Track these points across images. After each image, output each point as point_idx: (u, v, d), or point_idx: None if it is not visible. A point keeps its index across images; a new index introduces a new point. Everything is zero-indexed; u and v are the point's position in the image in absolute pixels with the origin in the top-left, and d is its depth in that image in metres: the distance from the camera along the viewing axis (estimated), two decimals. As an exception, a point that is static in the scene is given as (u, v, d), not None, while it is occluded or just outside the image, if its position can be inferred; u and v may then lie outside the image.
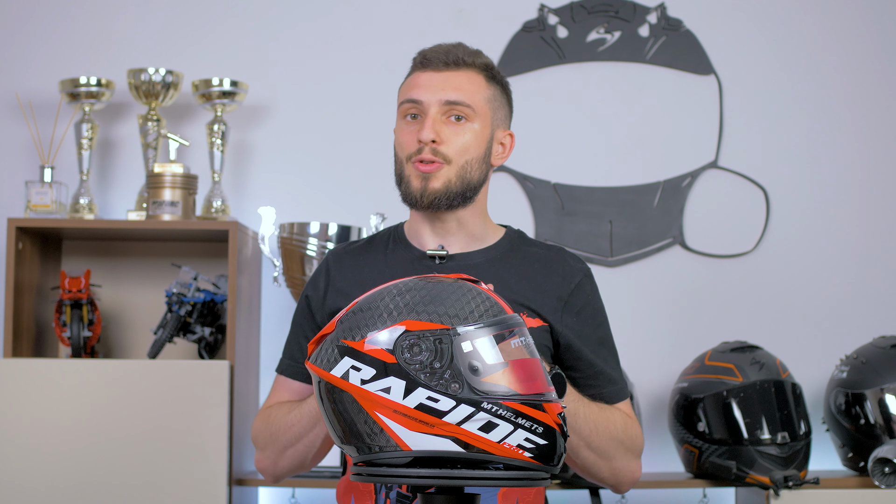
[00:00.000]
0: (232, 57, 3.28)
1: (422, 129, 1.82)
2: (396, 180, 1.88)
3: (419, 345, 1.45)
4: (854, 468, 2.97)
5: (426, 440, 1.44)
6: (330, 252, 1.98)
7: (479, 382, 1.43)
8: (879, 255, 3.27)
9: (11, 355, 2.88)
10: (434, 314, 1.46)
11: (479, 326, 1.46)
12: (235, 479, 2.86)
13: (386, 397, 1.45)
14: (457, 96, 1.83)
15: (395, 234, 1.95)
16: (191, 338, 3.01)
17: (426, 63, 1.86)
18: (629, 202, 3.27)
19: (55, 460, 2.78)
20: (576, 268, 1.91)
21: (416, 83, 1.86)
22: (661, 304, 3.26)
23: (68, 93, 3.07)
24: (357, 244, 1.97)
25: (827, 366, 3.13)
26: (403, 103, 1.86)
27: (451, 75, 1.85)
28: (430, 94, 1.83)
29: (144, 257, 3.19)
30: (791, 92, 3.31)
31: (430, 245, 1.90)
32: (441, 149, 1.82)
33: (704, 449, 2.88)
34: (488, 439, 1.43)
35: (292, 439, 1.84)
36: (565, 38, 3.32)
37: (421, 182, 1.83)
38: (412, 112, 1.85)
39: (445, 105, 1.83)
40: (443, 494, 1.52)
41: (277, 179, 3.27)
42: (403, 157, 1.85)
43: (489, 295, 1.52)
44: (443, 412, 1.43)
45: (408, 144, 1.84)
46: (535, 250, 1.93)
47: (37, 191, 3.01)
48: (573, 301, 1.88)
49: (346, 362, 1.48)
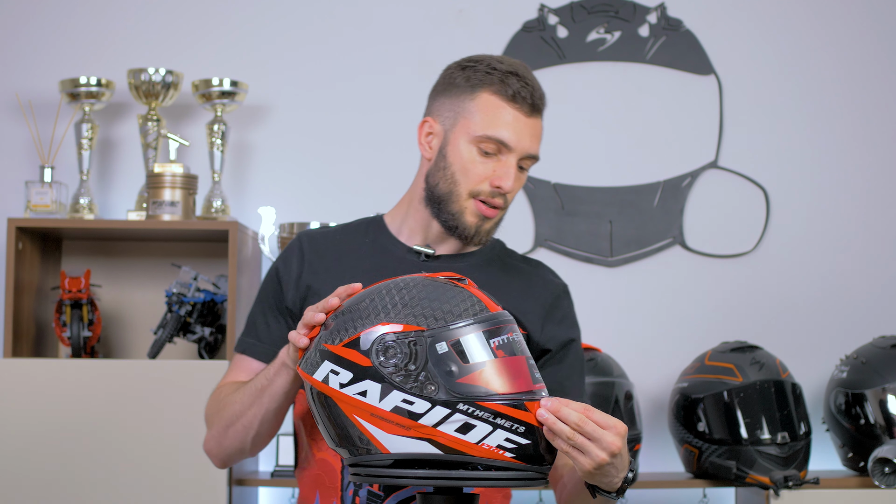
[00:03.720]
0: (232, 57, 3.28)
1: (505, 178, 1.79)
2: (438, 198, 1.83)
3: (394, 347, 1.44)
4: (854, 468, 2.97)
5: (403, 443, 1.44)
6: (301, 233, 1.93)
7: (455, 384, 1.42)
8: (879, 255, 3.27)
9: (11, 355, 2.88)
10: (409, 316, 1.45)
11: (455, 327, 1.45)
12: (235, 479, 2.86)
13: (363, 401, 1.45)
14: (535, 150, 1.82)
15: (376, 224, 1.93)
16: (191, 338, 3.01)
17: (517, 99, 1.79)
18: (629, 202, 3.27)
19: (55, 460, 2.78)
20: (555, 282, 1.93)
21: (503, 120, 1.78)
22: (661, 304, 3.26)
23: (68, 93, 3.07)
24: (331, 229, 1.95)
25: (827, 366, 3.13)
26: (489, 139, 1.78)
27: (535, 123, 1.81)
28: (518, 142, 1.79)
29: (144, 257, 3.19)
30: (791, 92, 3.31)
31: (418, 242, 1.89)
32: (507, 196, 1.82)
33: (704, 449, 2.88)
34: (466, 441, 1.43)
35: (232, 418, 1.79)
36: (565, 38, 3.32)
37: (478, 221, 1.82)
38: (492, 150, 1.80)
39: (526, 156, 1.81)
40: (441, 494, 1.52)
41: (277, 179, 3.27)
42: (468, 189, 1.80)
43: (472, 294, 1.50)
44: (418, 414, 1.43)
45: (478, 180, 1.80)
46: (516, 262, 1.94)
47: (37, 191, 3.01)
48: (554, 312, 1.88)
49: (325, 366, 1.49)
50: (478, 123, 1.79)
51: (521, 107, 1.79)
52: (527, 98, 1.79)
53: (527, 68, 1.83)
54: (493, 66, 1.81)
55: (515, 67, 1.81)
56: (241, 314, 2.94)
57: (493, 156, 1.80)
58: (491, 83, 1.79)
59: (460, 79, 1.83)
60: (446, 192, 1.82)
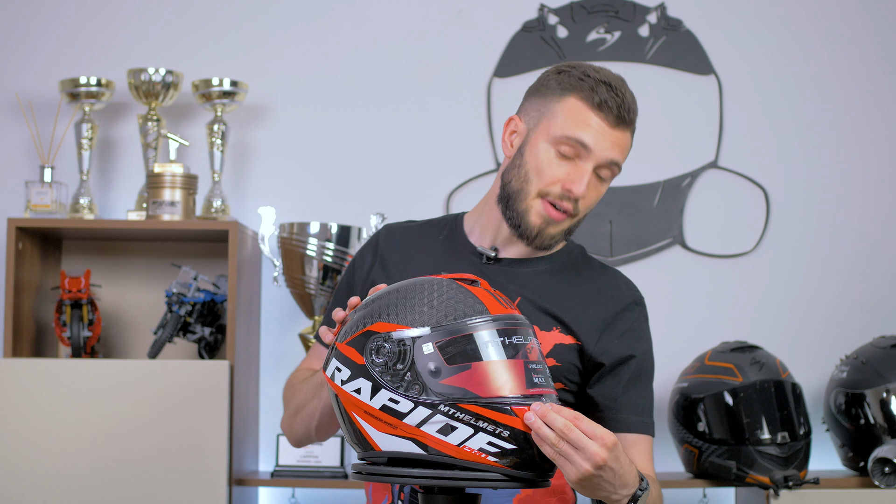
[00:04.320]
0: (232, 57, 3.28)
1: (578, 182, 1.76)
2: (509, 195, 1.81)
3: (384, 346, 1.46)
4: (854, 468, 2.97)
5: (392, 441, 1.46)
6: (385, 226, 1.94)
7: (438, 385, 1.43)
8: (879, 256, 3.27)
9: (11, 355, 2.88)
10: (403, 316, 1.47)
11: (441, 328, 1.45)
12: (235, 479, 2.86)
13: (358, 398, 1.48)
14: (617, 159, 1.78)
15: (455, 222, 1.92)
16: (191, 338, 3.01)
17: (603, 109, 1.76)
18: (629, 202, 3.27)
19: (55, 460, 2.78)
20: (627, 294, 1.87)
21: (587, 124, 1.76)
22: (661, 304, 3.25)
23: (68, 93, 3.07)
24: (414, 223, 1.95)
25: (827, 366, 3.13)
26: (568, 141, 1.76)
27: (619, 135, 1.77)
28: (597, 149, 1.76)
29: (144, 257, 3.19)
30: (791, 92, 3.31)
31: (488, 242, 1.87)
32: (579, 203, 1.79)
33: (704, 449, 2.88)
34: (447, 442, 1.43)
35: (298, 406, 1.84)
36: (565, 38, 3.32)
37: (542, 223, 1.80)
38: (569, 154, 1.77)
39: (604, 164, 1.78)
40: (443, 494, 1.52)
41: (277, 179, 3.27)
42: (538, 188, 1.78)
43: (475, 295, 1.50)
44: (402, 414, 1.44)
45: (552, 181, 1.77)
46: (589, 271, 1.90)
47: (37, 191, 3.01)
48: (616, 324, 1.83)
49: (333, 363, 1.52)
50: (559, 125, 1.77)
51: (605, 115, 1.76)
52: (612, 108, 1.75)
53: (623, 81, 1.80)
54: (588, 74, 1.78)
55: (610, 78, 1.78)
56: (241, 314, 2.94)
57: (571, 160, 1.77)
58: (581, 89, 1.77)
59: (553, 82, 1.81)
60: (517, 189, 1.80)
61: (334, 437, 2.93)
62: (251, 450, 3.09)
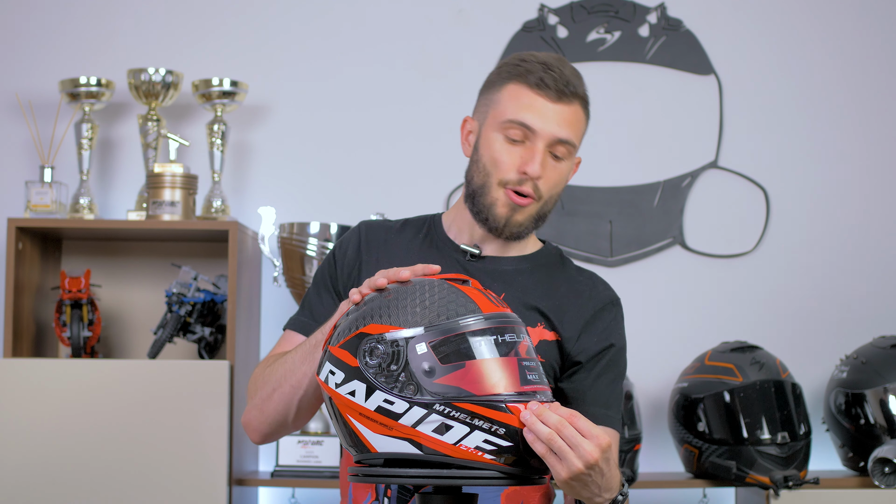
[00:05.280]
0: (232, 57, 3.28)
1: (531, 163, 1.78)
2: (473, 192, 1.83)
3: (377, 348, 1.46)
4: (854, 468, 2.97)
5: (387, 442, 1.46)
6: (363, 222, 1.95)
7: (432, 384, 1.43)
8: (879, 256, 3.27)
9: (11, 355, 2.88)
10: (396, 317, 1.47)
11: (434, 328, 1.45)
12: (235, 479, 2.86)
13: (352, 400, 1.47)
14: (567, 135, 1.79)
15: (433, 222, 1.93)
16: (191, 338, 3.01)
17: (541, 87, 1.79)
18: (629, 202, 3.27)
19: (55, 460, 2.78)
20: (604, 294, 1.89)
21: (529, 106, 1.79)
22: (661, 304, 3.26)
23: (68, 93, 3.07)
24: (392, 223, 1.95)
25: (827, 366, 3.13)
26: (512, 124, 1.79)
27: (564, 109, 1.79)
28: (544, 126, 1.78)
29: (144, 257, 3.19)
30: (791, 92, 3.31)
31: (465, 240, 1.88)
32: (539, 184, 1.80)
33: (704, 449, 2.88)
34: (443, 441, 1.43)
35: (280, 378, 1.75)
36: (565, 38, 3.32)
37: (508, 212, 1.81)
38: (518, 137, 1.79)
39: (554, 141, 1.79)
40: (441, 494, 1.52)
41: (277, 179, 3.27)
42: (497, 179, 1.80)
43: (467, 294, 1.50)
44: (398, 414, 1.44)
45: (507, 169, 1.79)
46: (567, 271, 1.91)
47: (37, 191, 3.01)
48: (595, 323, 1.85)
49: (326, 366, 1.52)
50: (502, 111, 1.81)
51: (545, 93, 1.78)
52: (551, 85, 1.78)
53: (561, 59, 1.83)
54: (524, 59, 1.82)
55: (546, 59, 1.81)
56: (241, 314, 2.94)
57: (521, 143, 1.80)
58: (517, 73, 1.80)
59: (494, 75, 1.86)
60: (480, 185, 1.82)
61: (334, 437, 2.92)
62: (251, 450, 3.09)
